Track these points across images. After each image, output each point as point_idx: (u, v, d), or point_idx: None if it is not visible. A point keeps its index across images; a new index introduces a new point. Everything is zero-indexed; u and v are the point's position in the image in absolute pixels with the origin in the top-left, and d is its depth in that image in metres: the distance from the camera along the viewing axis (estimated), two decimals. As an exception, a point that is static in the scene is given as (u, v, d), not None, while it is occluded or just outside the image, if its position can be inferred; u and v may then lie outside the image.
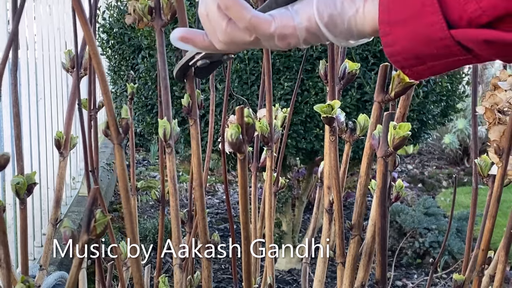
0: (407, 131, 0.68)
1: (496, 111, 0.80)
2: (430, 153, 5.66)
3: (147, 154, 5.30)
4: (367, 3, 0.55)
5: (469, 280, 0.95)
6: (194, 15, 2.38)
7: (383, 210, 0.68)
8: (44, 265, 0.89)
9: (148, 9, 0.75)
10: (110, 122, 0.54)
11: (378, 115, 0.77)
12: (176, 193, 0.79)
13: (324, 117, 0.80)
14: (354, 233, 0.82)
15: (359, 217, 0.81)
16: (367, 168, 0.80)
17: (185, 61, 0.71)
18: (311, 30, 0.58)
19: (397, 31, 0.52)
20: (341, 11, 0.56)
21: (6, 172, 2.16)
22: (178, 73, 0.74)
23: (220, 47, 0.63)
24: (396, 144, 0.68)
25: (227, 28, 0.60)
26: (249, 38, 0.60)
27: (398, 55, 0.53)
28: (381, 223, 0.68)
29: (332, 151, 0.82)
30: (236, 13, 0.59)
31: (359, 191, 0.81)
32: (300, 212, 3.11)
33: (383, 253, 0.69)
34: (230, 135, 0.62)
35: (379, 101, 0.76)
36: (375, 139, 0.70)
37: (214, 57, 0.70)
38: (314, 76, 2.39)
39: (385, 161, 0.68)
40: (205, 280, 0.79)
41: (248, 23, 0.59)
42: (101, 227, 0.43)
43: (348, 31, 0.57)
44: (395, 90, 0.73)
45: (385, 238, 0.69)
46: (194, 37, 0.64)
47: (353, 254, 0.82)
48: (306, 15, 0.58)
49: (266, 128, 0.87)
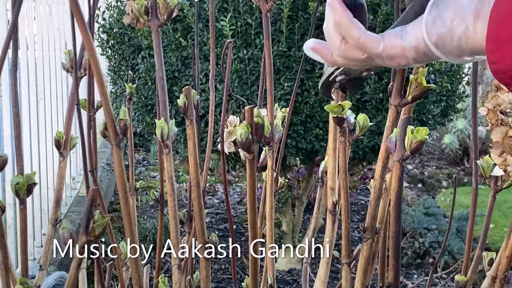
0: (425, 136, 0.68)
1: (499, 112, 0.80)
2: (430, 153, 5.66)
3: (147, 154, 5.30)
4: (478, 20, 0.56)
5: (470, 281, 0.94)
6: (194, 15, 2.38)
7: (398, 214, 0.68)
8: (44, 265, 0.89)
9: (145, 9, 0.74)
10: (108, 123, 0.54)
11: (394, 118, 0.77)
12: (174, 193, 0.79)
13: (334, 117, 0.80)
14: (367, 236, 0.82)
15: (373, 220, 0.81)
16: (381, 171, 0.79)
17: (326, 77, 0.75)
18: (420, 50, 0.59)
19: (504, 50, 0.53)
20: (450, 29, 0.57)
21: (6, 172, 2.16)
22: (323, 90, 0.78)
23: (340, 62, 0.65)
24: (413, 148, 0.68)
25: (341, 45, 0.63)
26: (361, 56, 0.63)
27: (503, 73, 0.54)
28: (396, 227, 0.68)
29: (341, 151, 0.82)
30: (346, 31, 0.62)
31: (373, 194, 0.80)
32: (300, 212, 3.11)
33: (397, 256, 0.70)
34: (240, 135, 0.62)
35: (396, 105, 0.76)
36: (391, 143, 0.70)
37: (352, 73, 0.73)
38: (314, 76, 2.39)
39: (401, 165, 0.68)
40: (203, 280, 0.79)
41: (357, 42, 0.61)
42: (99, 228, 0.43)
43: (458, 48, 0.58)
44: (412, 94, 0.73)
45: (399, 242, 0.69)
46: (322, 49, 0.67)
47: (365, 256, 0.81)
48: (415, 34, 0.59)
49: (268, 128, 0.87)
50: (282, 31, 2.35)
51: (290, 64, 2.39)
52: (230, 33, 2.31)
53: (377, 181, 0.80)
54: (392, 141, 0.70)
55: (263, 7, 0.81)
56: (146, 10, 0.75)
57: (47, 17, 2.84)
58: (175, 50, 2.45)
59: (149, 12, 0.75)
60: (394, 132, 0.70)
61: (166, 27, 2.42)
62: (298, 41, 2.37)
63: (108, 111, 0.53)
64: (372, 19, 2.36)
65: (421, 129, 0.68)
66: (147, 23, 0.75)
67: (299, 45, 2.37)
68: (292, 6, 2.33)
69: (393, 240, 0.69)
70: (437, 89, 2.56)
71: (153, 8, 0.75)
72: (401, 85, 0.74)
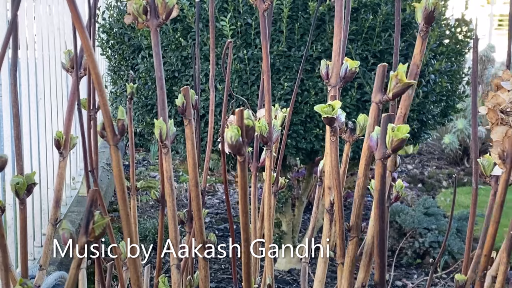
0: (406, 133, 0.67)
1: (499, 111, 0.80)
2: (430, 153, 5.66)
3: (147, 154, 5.30)
4: None
5: (470, 280, 0.94)
6: (194, 15, 2.38)
7: (382, 212, 0.68)
8: (44, 265, 0.89)
9: (143, 9, 0.74)
10: (106, 123, 0.54)
11: (376, 116, 0.76)
12: (173, 193, 0.79)
13: (324, 118, 0.79)
14: (352, 234, 0.82)
15: (357, 218, 0.81)
16: (365, 169, 0.79)
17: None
18: None
19: None
20: None
21: (6, 172, 2.16)
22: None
23: None
24: (395, 147, 0.67)
25: None
26: None
27: None
28: (380, 225, 0.67)
29: (333, 151, 0.82)
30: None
31: (357, 192, 0.80)
32: (300, 212, 3.11)
33: (382, 255, 0.69)
34: (230, 137, 0.62)
35: (377, 102, 0.75)
36: (373, 141, 0.69)
37: None
38: (314, 76, 2.39)
39: (383, 163, 0.67)
40: (201, 280, 0.79)
41: None
42: (99, 228, 0.43)
43: None
44: (393, 90, 0.73)
45: (384, 240, 0.69)
46: None
47: (351, 255, 0.82)
48: None
49: (265, 127, 0.87)
50: (282, 31, 2.35)
51: (290, 64, 2.39)
52: (230, 33, 2.31)
53: (360, 179, 0.80)
54: (373, 139, 0.69)
55: (260, 6, 0.81)
56: (144, 10, 0.75)
57: (47, 17, 2.84)
58: (175, 50, 2.45)
59: (148, 11, 0.75)
60: (375, 130, 0.69)
61: (166, 27, 2.42)
62: (298, 41, 2.37)
63: (106, 111, 0.53)
64: (372, 19, 2.36)
65: (402, 126, 0.67)
66: (145, 22, 0.75)
67: (299, 45, 2.37)
68: (292, 6, 2.33)
69: (377, 238, 0.68)
70: (437, 89, 2.56)
71: (152, 7, 0.75)
72: (381, 81, 0.73)
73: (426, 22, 0.77)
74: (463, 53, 2.67)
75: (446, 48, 2.57)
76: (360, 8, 2.39)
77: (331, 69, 0.85)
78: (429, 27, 0.78)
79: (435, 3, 0.76)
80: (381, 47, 2.40)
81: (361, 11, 2.39)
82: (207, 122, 2.41)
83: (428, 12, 0.77)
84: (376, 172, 0.68)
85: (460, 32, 2.64)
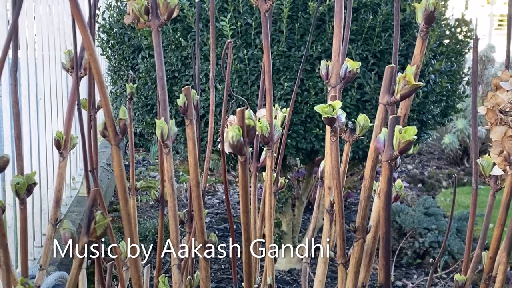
0: (413, 135, 0.67)
1: (498, 111, 0.80)
2: (430, 153, 5.66)
3: (147, 154, 5.30)
4: None
5: (470, 280, 0.94)
6: (194, 15, 2.38)
7: (388, 214, 0.68)
8: (44, 265, 0.89)
9: (145, 9, 0.74)
10: (108, 123, 0.54)
11: (383, 117, 0.76)
12: (174, 193, 0.79)
13: (325, 118, 0.79)
14: (358, 236, 0.82)
15: (363, 220, 0.81)
16: (371, 170, 0.79)
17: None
18: None
19: None
20: None
21: (6, 172, 2.16)
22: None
23: None
24: (402, 148, 0.67)
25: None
26: None
27: None
28: (386, 227, 0.67)
29: (333, 151, 0.82)
30: None
31: (363, 193, 0.80)
32: (300, 212, 3.11)
33: (387, 256, 0.69)
34: (231, 137, 0.62)
35: (385, 103, 0.75)
36: (380, 143, 0.69)
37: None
38: (314, 76, 2.39)
39: (390, 165, 0.67)
40: (202, 280, 0.79)
41: None
42: (101, 229, 0.43)
43: None
44: (400, 92, 0.73)
45: (389, 242, 0.69)
46: None
47: (356, 257, 0.81)
48: None
49: (266, 128, 0.87)
50: (282, 31, 2.35)
51: (290, 64, 2.39)
52: (230, 33, 2.31)
53: (366, 181, 0.80)
54: (380, 141, 0.69)
55: (262, 7, 0.81)
56: (146, 10, 0.75)
57: (47, 17, 2.84)
58: (175, 50, 2.45)
59: (150, 12, 0.75)
60: (382, 131, 0.70)
61: (166, 27, 2.42)
62: (298, 41, 2.37)
63: (108, 111, 0.53)
64: (372, 19, 2.36)
65: (409, 128, 0.67)
66: (147, 23, 0.75)
67: (299, 45, 2.37)
68: (292, 6, 2.33)
69: (383, 240, 0.68)
70: (437, 89, 2.56)
71: (154, 8, 0.75)
72: (389, 83, 0.73)
73: (427, 23, 0.78)
74: (463, 53, 2.67)
75: (446, 48, 2.57)
76: (360, 8, 2.39)
77: (330, 70, 0.85)
78: (429, 28, 0.78)
79: (435, 4, 0.76)
80: (381, 47, 2.40)
81: (361, 11, 2.39)
82: (207, 122, 2.41)
83: (428, 12, 0.77)
84: (382, 174, 0.68)
85: (460, 32, 2.64)
